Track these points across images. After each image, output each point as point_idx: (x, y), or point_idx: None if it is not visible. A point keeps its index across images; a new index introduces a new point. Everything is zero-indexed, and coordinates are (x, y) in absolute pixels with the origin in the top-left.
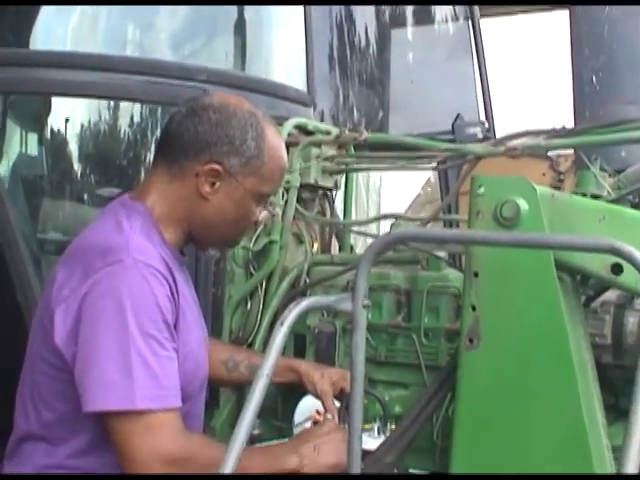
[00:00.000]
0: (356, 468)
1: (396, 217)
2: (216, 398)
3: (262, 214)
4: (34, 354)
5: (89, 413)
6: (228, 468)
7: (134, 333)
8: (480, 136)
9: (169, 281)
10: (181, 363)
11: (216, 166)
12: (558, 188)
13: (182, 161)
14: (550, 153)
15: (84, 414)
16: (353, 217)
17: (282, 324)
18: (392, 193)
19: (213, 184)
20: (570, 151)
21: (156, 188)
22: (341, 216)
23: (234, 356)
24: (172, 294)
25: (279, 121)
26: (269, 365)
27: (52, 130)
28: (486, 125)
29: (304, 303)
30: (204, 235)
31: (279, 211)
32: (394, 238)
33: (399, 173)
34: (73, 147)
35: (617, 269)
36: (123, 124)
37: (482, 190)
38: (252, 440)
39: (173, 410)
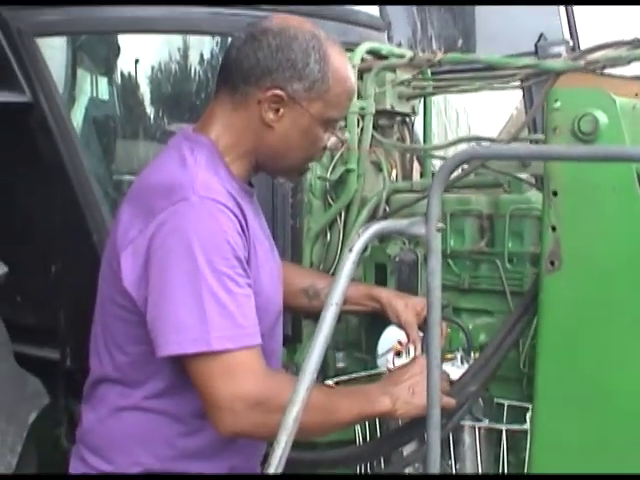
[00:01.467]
0: (436, 398)
1: (477, 139)
2: (298, 333)
3: (331, 140)
4: (104, 297)
5: (164, 358)
6: (298, 402)
7: (205, 272)
8: (565, 55)
9: (238, 216)
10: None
11: (279, 92)
12: None
13: (244, 88)
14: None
15: (159, 358)
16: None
17: (351, 250)
18: (480, 122)
19: (277, 111)
20: None
21: (220, 118)
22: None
23: (315, 283)
24: (242, 229)
25: (351, 47)
26: (338, 293)
27: (122, 71)
28: (571, 43)
29: (373, 227)
30: (272, 164)
31: (348, 136)
32: (465, 156)
33: (485, 101)
34: (143, 87)
35: None
36: (192, 59)
37: (558, 104)
38: (337, 373)
39: (253, 348)
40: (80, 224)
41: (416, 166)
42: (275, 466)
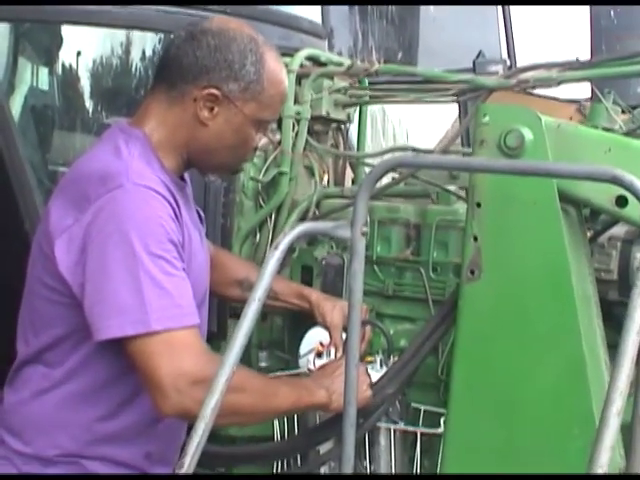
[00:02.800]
0: (352, 396)
1: (408, 149)
2: (223, 330)
3: (262, 140)
4: (34, 279)
5: (105, 342)
6: (216, 392)
7: (141, 256)
8: (501, 74)
9: (171, 203)
10: None
11: (214, 91)
12: None
13: (181, 86)
14: (576, 95)
15: (85, 339)
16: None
17: (276, 248)
18: (420, 133)
19: (212, 109)
20: None
21: (155, 113)
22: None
23: (250, 276)
24: (175, 215)
25: (292, 52)
26: (261, 289)
27: (63, 62)
28: (508, 63)
29: (299, 228)
30: (203, 161)
31: (283, 140)
32: (393, 163)
33: (424, 112)
34: (84, 79)
35: (622, 201)
36: (134, 54)
37: (487, 119)
38: (258, 372)
39: (192, 328)
40: (13, 211)
41: (348, 173)
42: (191, 454)
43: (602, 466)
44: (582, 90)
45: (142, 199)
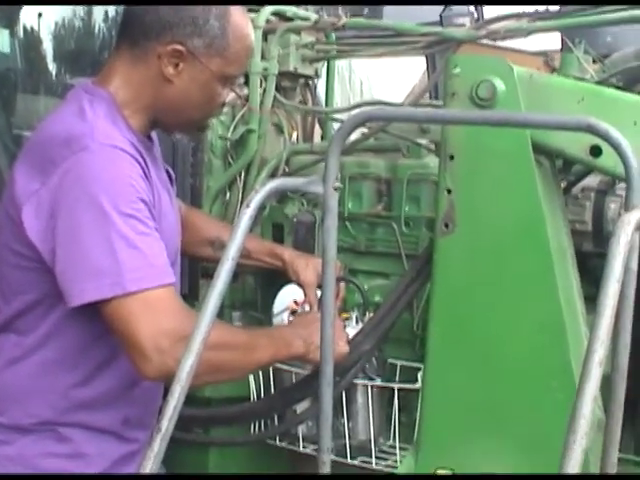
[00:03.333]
0: (329, 354)
1: (377, 103)
2: (195, 291)
3: (229, 96)
4: (1, 246)
5: (78, 306)
6: (192, 354)
7: (112, 216)
8: (468, 26)
9: (140, 162)
10: None
11: (179, 47)
12: None
13: (144, 43)
14: (544, 47)
15: (57, 304)
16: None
17: (248, 205)
18: (387, 88)
19: (177, 65)
20: None
21: (119, 72)
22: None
23: (222, 235)
24: (145, 174)
25: (257, 8)
26: (234, 248)
27: (24, 25)
28: (475, 15)
29: (271, 184)
30: (170, 119)
31: (246, 92)
32: (363, 117)
33: (390, 67)
34: (46, 41)
35: (596, 151)
36: (96, 15)
37: (457, 70)
38: None
39: (169, 286)
40: None
41: (317, 129)
42: (169, 417)
43: (584, 416)
44: (549, 42)
45: (109, 159)
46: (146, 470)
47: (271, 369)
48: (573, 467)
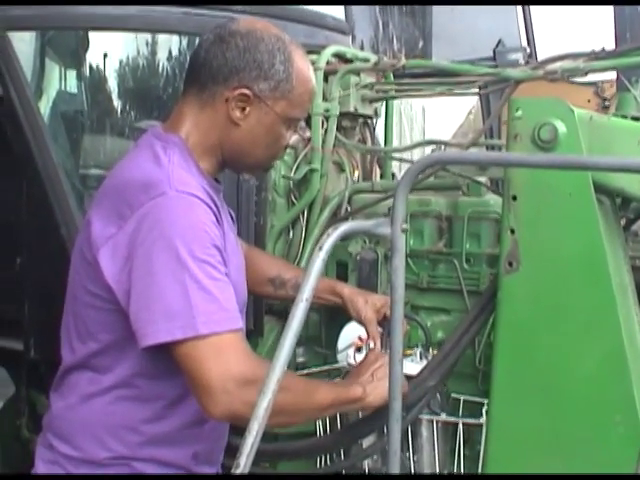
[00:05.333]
0: (397, 391)
1: (436, 143)
2: (260, 327)
3: (293, 138)
4: (76, 288)
5: (151, 347)
6: (269, 392)
7: (187, 261)
8: (522, 62)
9: (212, 208)
10: None
11: (245, 91)
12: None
13: (211, 87)
14: (594, 78)
15: (131, 344)
16: (395, 145)
17: (320, 249)
18: (436, 123)
19: (243, 109)
20: (614, 76)
21: (188, 117)
22: (382, 145)
23: (282, 273)
24: (217, 220)
25: (317, 50)
26: (308, 289)
27: (91, 66)
28: (528, 50)
29: (342, 227)
30: (237, 161)
31: (313, 137)
32: (432, 160)
33: (442, 102)
34: (112, 82)
35: None
36: (161, 57)
37: (520, 113)
38: (296, 368)
39: (238, 331)
40: (48, 216)
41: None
42: (247, 454)
43: None
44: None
45: (185, 206)
46: None
47: None
48: None
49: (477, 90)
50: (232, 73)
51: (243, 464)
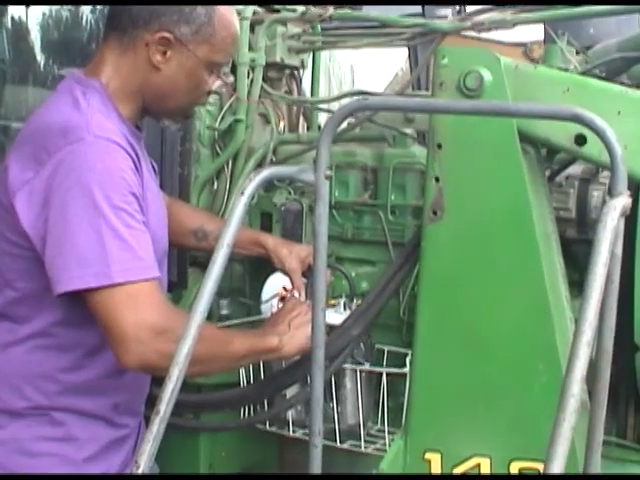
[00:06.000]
0: (320, 340)
1: (363, 93)
2: (184, 279)
3: (215, 83)
4: None
5: (66, 293)
6: (189, 338)
7: (103, 208)
8: (451, 18)
9: (132, 155)
10: None
11: (166, 34)
12: None
13: (132, 31)
14: (523, 39)
15: (49, 293)
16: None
17: (242, 193)
18: (365, 82)
19: (164, 53)
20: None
21: (109, 62)
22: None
23: (205, 225)
24: (136, 167)
25: None
26: (229, 235)
27: (12, 16)
28: (457, 7)
29: (265, 172)
30: (158, 106)
31: (231, 79)
32: (356, 106)
33: (371, 60)
34: (34, 32)
35: (581, 139)
36: (84, 7)
37: (446, 61)
38: (220, 319)
39: (153, 280)
40: None
41: (301, 120)
42: (167, 401)
43: (574, 395)
44: (528, 34)
45: (103, 151)
46: (145, 452)
47: None
48: (562, 444)
49: (405, 42)
50: (153, 17)
51: (163, 410)
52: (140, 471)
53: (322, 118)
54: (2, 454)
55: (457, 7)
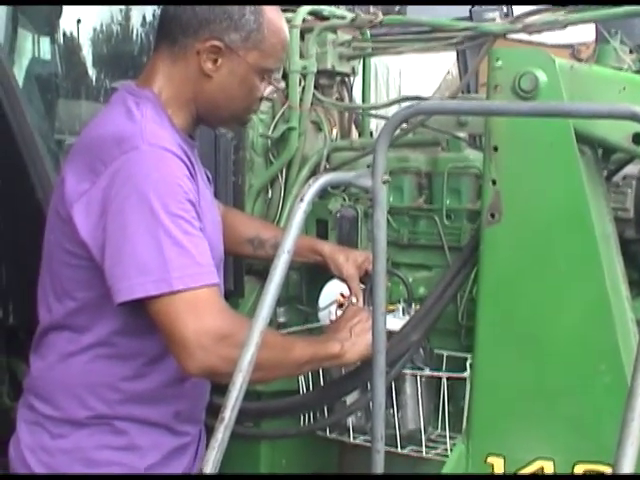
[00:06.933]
0: (381, 346)
1: (414, 99)
2: (240, 287)
3: (267, 89)
4: (52, 245)
5: (125, 303)
6: (252, 345)
7: (160, 216)
8: (499, 21)
9: (186, 162)
10: None
11: (216, 42)
12: None
13: (182, 40)
14: (571, 40)
15: (109, 302)
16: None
17: (302, 200)
18: (413, 86)
19: (215, 61)
20: (591, 39)
21: (161, 72)
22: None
23: (261, 234)
24: (191, 174)
25: (293, 8)
26: (289, 241)
27: (64, 31)
28: (504, 9)
29: (323, 178)
30: (211, 114)
31: (283, 85)
32: (414, 110)
33: (419, 65)
34: (85, 47)
35: (638, 138)
36: (134, 19)
37: (500, 63)
38: (278, 327)
39: (213, 286)
40: (24, 180)
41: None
42: (231, 408)
43: None
44: (577, 35)
45: (158, 159)
46: (210, 460)
47: None
48: (632, 444)
49: (455, 46)
50: (202, 25)
51: (228, 417)
52: None
53: (373, 125)
54: (65, 463)
55: (504, 9)
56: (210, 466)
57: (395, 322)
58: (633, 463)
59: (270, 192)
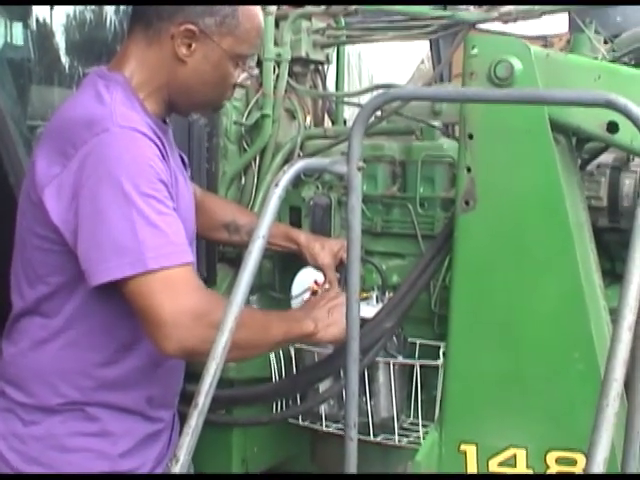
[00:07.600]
0: (355, 333)
1: (388, 86)
2: (213, 275)
3: (241, 76)
4: (24, 230)
5: (102, 286)
6: (226, 331)
7: (133, 197)
8: (473, 9)
9: (157, 143)
10: None
11: (191, 26)
12: None
13: (157, 24)
14: (544, 32)
15: (81, 285)
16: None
17: (277, 185)
18: (387, 74)
19: (189, 46)
20: (565, 30)
21: (133, 56)
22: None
23: (237, 219)
24: (163, 155)
25: None
26: (264, 226)
27: (37, 17)
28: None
29: (299, 164)
30: (184, 100)
31: (257, 72)
32: (389, 96)
33: (393, 53)
34: (59, 33)
35: (613, 127)
36: (108, 7)
37: (475, 51)
38: None
39: (188, 265)
40: None
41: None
42: (205, 393)
43: (616, 379)
44: (549, 27)
45: (129, 141)
46: (184, 446)
47: (292, 349)
48: (606, 429)
49: (430, 35)
50: (177, 9)
51: (202, 403)
52: (179, 465)
53: (347, 113)
54: (38, 450)
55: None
56: (184, 451)
57: (369, 309)
58: (607, 449)
59: (243, 179)
